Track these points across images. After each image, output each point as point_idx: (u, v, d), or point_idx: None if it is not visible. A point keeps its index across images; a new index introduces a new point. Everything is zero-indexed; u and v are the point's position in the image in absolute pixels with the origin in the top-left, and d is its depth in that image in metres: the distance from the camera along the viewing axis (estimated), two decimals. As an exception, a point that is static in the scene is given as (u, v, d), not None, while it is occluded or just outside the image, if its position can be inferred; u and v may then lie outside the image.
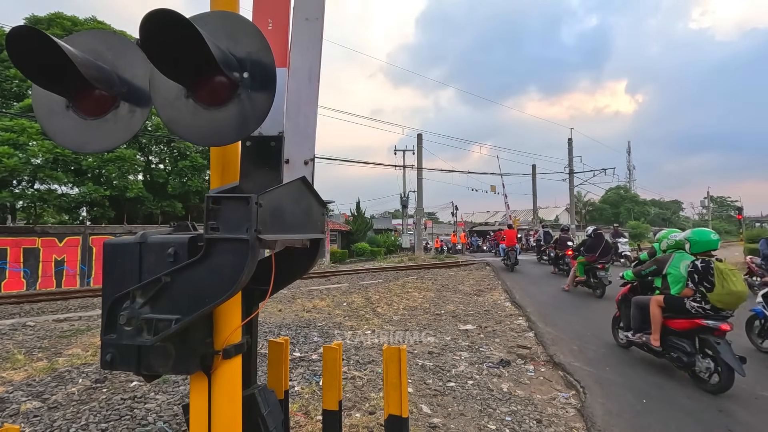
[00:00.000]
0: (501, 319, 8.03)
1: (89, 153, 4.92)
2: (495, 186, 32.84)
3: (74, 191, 16.73)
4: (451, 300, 10.22)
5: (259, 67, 1.44)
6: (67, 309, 10.00)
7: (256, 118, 1.45)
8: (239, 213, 1.38)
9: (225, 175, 1.80)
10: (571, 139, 31.57)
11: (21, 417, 3.72)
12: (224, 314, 1.62)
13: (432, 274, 16.04)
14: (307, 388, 4.34)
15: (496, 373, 5.05)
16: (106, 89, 1.52)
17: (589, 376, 4.87)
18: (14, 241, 14.59)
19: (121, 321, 1.39)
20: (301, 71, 1.97)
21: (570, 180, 31.32)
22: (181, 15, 1.22)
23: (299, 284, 12.79)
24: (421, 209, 27.81)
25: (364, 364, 5.19)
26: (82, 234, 16.05)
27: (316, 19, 1.99)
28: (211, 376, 1.59)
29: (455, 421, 3.73)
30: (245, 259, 1.36)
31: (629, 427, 3.68)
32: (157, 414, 3.78)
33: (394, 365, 2.36)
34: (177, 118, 1.47)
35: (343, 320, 7.79)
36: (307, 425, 3.52)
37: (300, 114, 1.94)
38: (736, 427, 3.68)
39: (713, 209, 66.83)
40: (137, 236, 1.51)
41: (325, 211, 2.05)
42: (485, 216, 59.73)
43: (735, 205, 68.60)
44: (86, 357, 5.53)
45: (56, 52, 1.32)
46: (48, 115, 1.57)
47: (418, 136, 26.44)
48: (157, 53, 1.31)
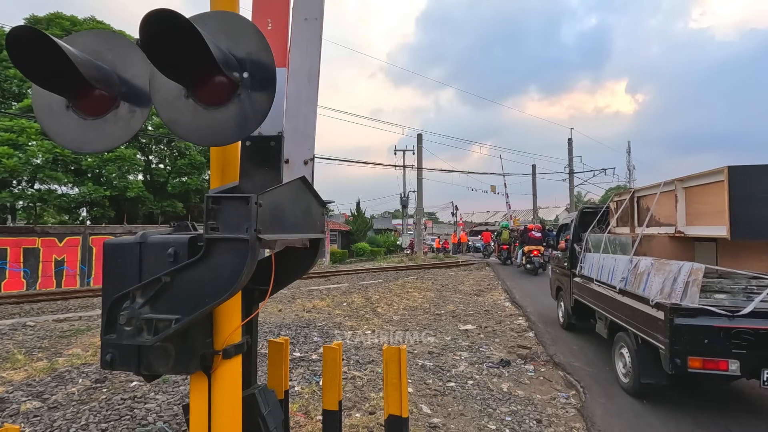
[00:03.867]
0: (501, 319, 8.03)
1: (89, 153, 4.92)
2: (495, 186, 32.77)
3: (74, 191, 16.72)
4: (451, 300, 10.22)
5: (258, 67, 1.44)
6: (67, 309, 10.00)
7: (256, 118, 1.45)
8: (239, 213, 1.38)
9: (225, 174, 1.80)
10: (571, 139, 31.59)
11: (21, 417, 3.72)
12: (224, 314, 1.62)
13: (432, 274, 16.04)
14: (307, 388, 4.34)
15: (496, 373, 5.05)
16: (106, 89, 1.52)
17: (589, 376, 4.87)
18: (14, 241, 14.58)
19: (121, 321, 1.39)
20: (301, 71, 1.97)
21: (570, 180, 31.33)
22: (181, 15, 1.22)
23: (299, 284, 12.79)
24: (421, 209, 27.80)
25: (364, 364, 5.19)
26: (82, 234, 16.04)
27: (315, 18, 1.99)
28: (211, 376, 1.59)
29: (455, 421, 3.73)
30: (245, 259, 1.36)
31: (629, 427, 3.68)
32: (157, 414, 3.78)
33: (394, 365, 2.36)
34: (177, 118, 1.47)
35: (343, 320, 7.79)
36: (307, 425, 3.52)
37: (300, 114, 1.94)
38: (736, 427, 3.68)
39: (713, 209, 66.56)
40: (137, 236, 1.51)
41: (324, 211, 2.05)
42: (485, 216, 59.69)
43: (735, 205, 68.44)
44: (86, 357, 5.53)
45: (56, 52, 1.32)
46: (48, 115, 1.57)
47: (418, 136, 26.44)
48: (157, 53, 1.31)
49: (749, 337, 3.54)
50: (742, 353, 3.54)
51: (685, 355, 3.67)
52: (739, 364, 3.55)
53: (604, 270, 5.62)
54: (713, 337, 3.61)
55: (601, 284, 5.52)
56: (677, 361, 3.67)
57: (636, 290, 4.50)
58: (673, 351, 3.70)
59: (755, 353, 3.53)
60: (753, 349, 3.52)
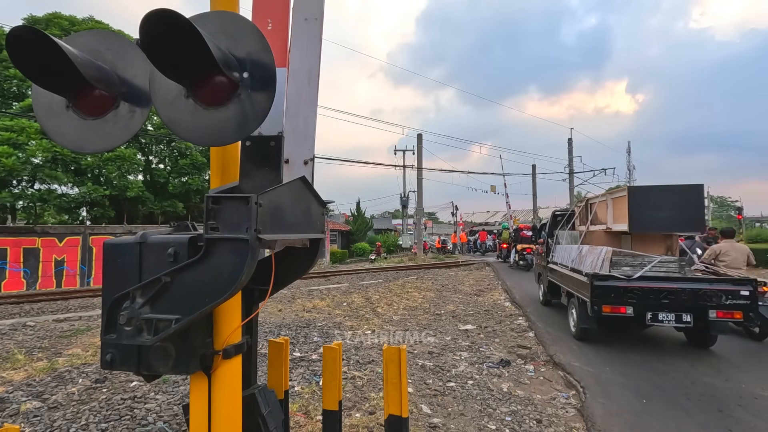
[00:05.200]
0: (501, 319, 8.03)
1: (89, 153, 4.92)
2: (495, 186, 32.78)
3: (74, 191, 16.72)
4: (451, 300, 10.23)
5: (258, 67, 1.44)
6: (67, 309, 10.00)
7: (256, 118, 1.44)
8: (239, 213, 1.38)
9: (225, 175, 1.80)
10: (571, 139, 31.61)
11: (21, 417, 3.72)
12: (224, 314, 1.62)
13: (432, 274, 16.04)
14: (307, 388, 4.34)
15: (496, 373, 5.05)
16: (106, 89, 1.52)
17: (589, 376, 4.87)
18: (14, 241, 14.58)
19: (121, 321, 1.39)
20: (301, 71, 1.97)
21: (570, 180, 31.33)
22: (181, 15, 1.22)
23: (299, 284, 12.79)
24: (421, 209, 27.81)
25: (364, 364, 5.19)
26: (82, 234, 16.04)
27: (315, 19, 1.99)
28: (211, 376, 1.59)
29: (455, 421, 3.73)
30: (245, 259, 1.36)
31: (629, 427, 3.68)
32: (157, 414, 3.78)
33: (394, 365, 2.36)
34: (177, 119, 1.46)
35: (343, 320, 7.79)
36: (307, 425, 3.52)
37: (299, 114, 1.94)
38: (736, 427, 3.68)
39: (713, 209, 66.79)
40: (137, 236, 1.51)
41: (324, 211, 2.05)
42: (485, 216, 59.65)
43: (735, 205, 68.56)
44: (86, 357, 5.53)
45: (56, 52, 1.31)
46: (48, 115, 1.56)
47: (418, 136, 26.44)
48: (157, 53, 1.31)
49: (638, 293, 5.56)
50: (634, 302, 5.55)
51: (600, 304, 5.61)
52: (632, 309, 5.54)
53: (564, 256, 7.74)
54: (616, 293, 5.59)
55: (563, 267, 7.54)
56: (596, 308, 5.63)
57: (578, 267, 6.64)
58: (593, 302, 5.64)
59: (641, 302, 5.55)
60: (639, 299, 5.55)
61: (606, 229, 7.25)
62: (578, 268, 6.53)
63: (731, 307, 5.36)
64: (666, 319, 5.55)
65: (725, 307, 5.37)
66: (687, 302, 5.46)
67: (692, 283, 5.58)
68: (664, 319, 5.55)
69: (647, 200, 6.44)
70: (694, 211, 6.34)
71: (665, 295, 5.50)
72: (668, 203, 6.38)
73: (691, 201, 6.37)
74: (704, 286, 5.52)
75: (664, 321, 5.56)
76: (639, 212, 6.42)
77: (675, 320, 5.54)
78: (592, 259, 6.32)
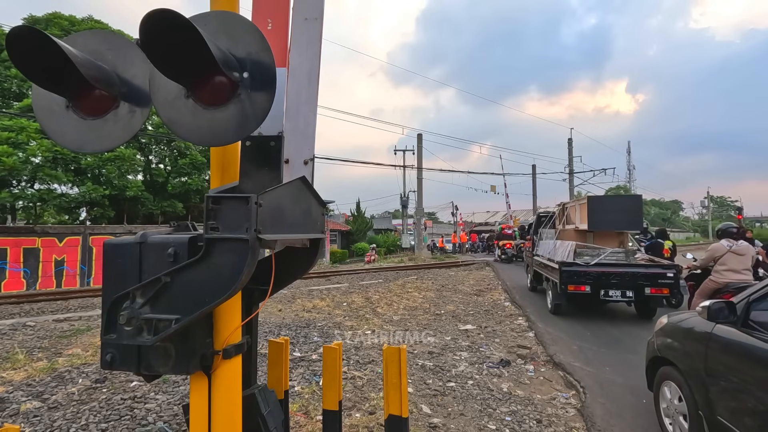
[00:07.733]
0: (501, 319, 8.03)
1: (89, 153, 4.92)
2: (495, 186, 32.83)
3: (74, 191, 16.73)
4: (451, 300, 10.23)
5: (259, 67, 1.44)
6: (67, 309, 10.00)
7: (256, 118, 1.44)
8: (239, 213, 1.38)
9: (225, 174, 1.80)
10: (571, 139, 31.62)
11: (21, 417, 3.72)
12: (224, 314, 1.62)
13: (432, 274, 16.04)
14: (307, 388, 4.34)
15: (496, 373, 5.05)
16: (106, 89, 1.52)
17: (589, 376, 4.87)
18: (14, 241, 14.58)
19: (121, 321, 1.39)
20: (301, 71, 1.97)
21: (570, 180, 31.34)
22: (181, 15, 1.22)
23: (299, 284, 12.79)
24: (421, 209, 27.81)
25: (364, 364, 5.19)
26: (82, 234, 16.05)
27: (315, 18, 1.99)
28: (211, 376, 1.59)
29: (455, 421, 3.73)
30: (245, 259, 1.36)
31: (629, 427, 3.68)
32: (157, 414, 3.78)
33: (394, 365, 2.36)
34: (177, 118, 1.47)
35: (343, 320, 7.79)
36: (307, 425, 3.52)
37: (299, 114, 1.94)
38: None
39: (713, 209, 66.80)
40: (137, 236, 1.51)
41: (324, 211, 2.05)
42: (485, 216, 59.67)
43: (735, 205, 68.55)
44: (86, 357, 5.53)
45: (56, 52, 1.31)
46: (48, 115, 1.56)
47: (418, 136, 26.44)
48: (157, 53, 1.31)
49: (594, 275, 7.35)
50: (591, 282, 7.32)
51: (567, 284, 7.38)
52: (590, 287, 7.29)
53: (545, 250, 9.78)
54: (578, 275, 7.38)
55: (544, 258, 9.46)
56: (563, 287, 7.40)
57: (553, 257, 8.64)
58: (561, 282, 7.43)
59: (596, 282, 7.32)
60: (595, 280, 7.33)
61: (575, 228, 9.36)
62: (553, 258, 8.53)
63: (661, 285, 7.15)
64: (614, 295, 7.27)
65: (657, 285, 7.15)
66: (629, 282, 7.21)
67: (633, 268, 7.44)
68: (613, 294, 7.28)
69: (601, 206, 8.58)
70: (634, 215, 8.44)
71: (614, 277, 7.28)
72: (616, 209, 8.44)
73: (632, 208, 8.48)
74: (641, 270, 7.35)
75: (613, 296, 7.29)
76: (595, 215, 8.45)
77: (621, 296, 7.25)
78: (562, 251, 8.47)
